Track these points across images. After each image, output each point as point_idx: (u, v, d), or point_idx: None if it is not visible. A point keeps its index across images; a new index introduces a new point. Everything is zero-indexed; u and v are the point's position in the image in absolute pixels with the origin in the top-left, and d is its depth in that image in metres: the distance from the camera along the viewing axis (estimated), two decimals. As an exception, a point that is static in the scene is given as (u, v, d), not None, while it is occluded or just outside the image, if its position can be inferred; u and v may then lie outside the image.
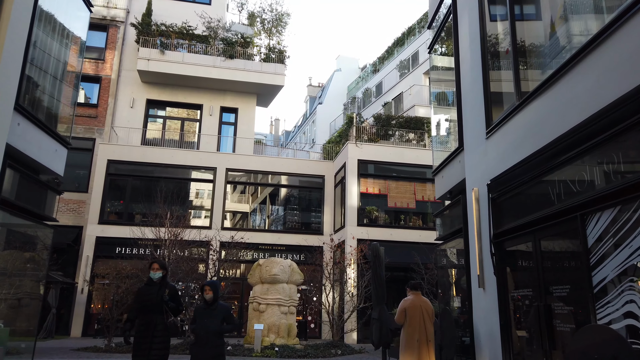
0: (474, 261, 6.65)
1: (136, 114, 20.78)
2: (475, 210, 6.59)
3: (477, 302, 6.64)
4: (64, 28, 8.31)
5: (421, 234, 17.64)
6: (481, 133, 6.64)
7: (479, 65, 6.77)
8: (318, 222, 20.02)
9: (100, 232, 17.96)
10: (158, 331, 5.26)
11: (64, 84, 8.46)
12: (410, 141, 19.48)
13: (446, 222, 8.48)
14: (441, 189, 8.48)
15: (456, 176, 7.65)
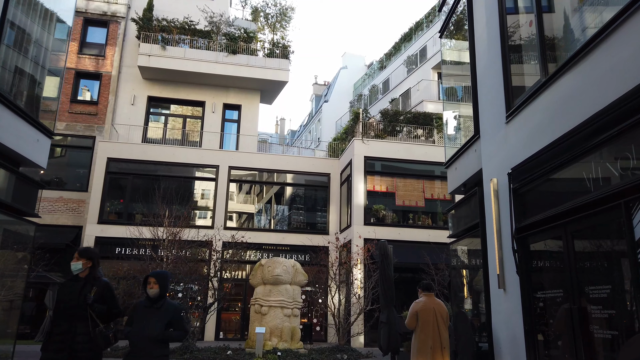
0: (492, 259, 6.01)
1: (137, 112, 20.30)
2: (494, 203, 5.95)
3: (496, 304, 6.00)
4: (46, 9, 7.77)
5: (430, 233, 16.97)
6: (500, 118, 6.01)
7: (497, 44, 6.14)
8: (323, 222, 19.41)
9: (100, 232, 17.46)
10: (77, 343, 3.99)
11: (46, 70, 7.91)
12: (418, 137, 18.83)
13: (460, 217, 7.84)
14: (454, 181, 7.84)
15: (471, 167, 7.02)
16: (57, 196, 18.85)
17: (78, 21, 20.68)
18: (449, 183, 8.19)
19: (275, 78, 20.50)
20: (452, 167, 7.98)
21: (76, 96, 20.16)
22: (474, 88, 7.05)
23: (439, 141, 18.77)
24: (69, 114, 19.71)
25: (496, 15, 6.24)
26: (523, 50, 5.91)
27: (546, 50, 5.10)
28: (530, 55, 5.59)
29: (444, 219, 17.74)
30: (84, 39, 20.78)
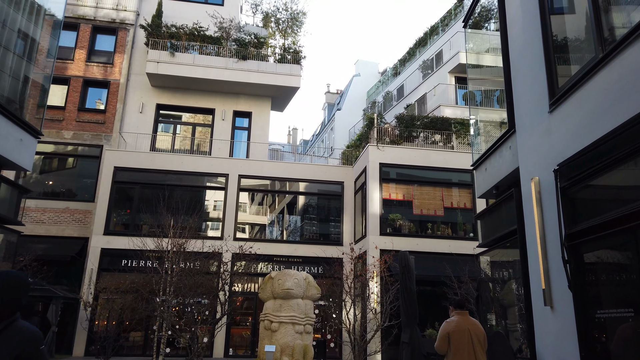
0: (535, 272, 5.15)
1: (145, 120, 19.81)
2: (536, 206, 5.11)
3: (541, 324, 5.12)
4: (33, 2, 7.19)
5: (451, 244, 16.04)
6: (541, 107, 5.19)
7: (535, 22, 5.34)
8: (337, 232, 18.57)
9: (106, 244, 16.86)
10: None
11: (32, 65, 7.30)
12: (436, 143, 17.97)
13: (491, 224, 6.98)
14: (484, 184, 6.99)
15: (505, 166, 6.18)
16: (64, 207, 18.34)
17: (86, 29, 20.38)
18: (477, 186, 7.34)
19: (286, 84, 19.88)
20: (481, 168, 7.14)
21: (84, 104, 19.75)
22: (506, 76, 6.25)
23: (458, 147, 17.90)
24: (76, 123, 19.28)
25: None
26: (567, 25, 5.10)
27: (602, 20, 4.29)
28: (579, 31, 4.78)
29: (464, 228, 16.80)
30: (92, 47, 20.44)
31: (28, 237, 17.93)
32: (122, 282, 12.49)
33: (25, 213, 18.11)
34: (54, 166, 19.26)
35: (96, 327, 16.05)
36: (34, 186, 18.85)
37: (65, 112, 19.29)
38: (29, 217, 18.10)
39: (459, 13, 23.28)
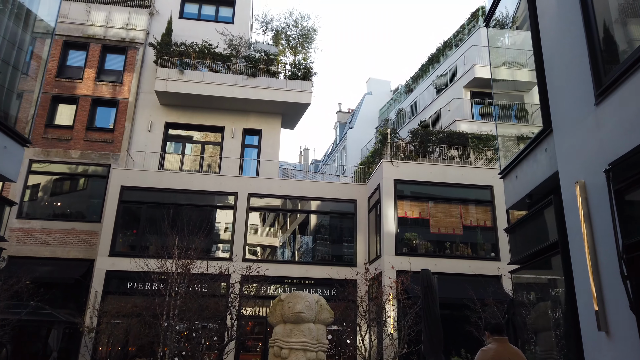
0: (584, 291, 4.40)
1: (154, 138, 19.45)
2: (582, 213, 4.39)
3: (594, 353, 4.34)
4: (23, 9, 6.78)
5: (471, 264, 15.18)
6: (585, 100, 4.53)
7: (574, 5, 4.72)
8: (350, 253, 17.79)
9: (111, 266, 16.28)
10: None
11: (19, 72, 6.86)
12: (452, 159, 17.27)
13: (524, 238, 6.24)
14: (515, 193, 6.28)
15: (540, 171, 5.49)
16: (70, 228, 17.89)
17: (96, 48, 20.28)
18: (506, 196, 6.63)
19: (296, 100, 19.45)
20: (510, 176, 6.44)
21: (92, 124, 19.49)
22: (538, 71, 5.61)
23: (476, 162, 17.18)
24: (84, 142, 18.99)
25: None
26: (611, 2, 4.47)
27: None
28: (628, 6, 4.15)
29: (485, 248, 15.94)
30: (102, 66, 20.30)
31: (32, 259, 17.51)
32: (123, 306, 11.82)
33: (31, 234, 17.73)
34: (60, 186, 18.90)
35: (99, 353, 15.36)
36: (40, 207, 18.50)
37: (73, 132, 19.03)
38: (34, 239, 17.68)
39: (472, 28, 22.85)
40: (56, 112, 19.58)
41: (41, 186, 18.68)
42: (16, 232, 17.65)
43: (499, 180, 16.21)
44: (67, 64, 20.21)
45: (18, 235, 17.64)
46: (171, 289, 11.53)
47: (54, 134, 18.92)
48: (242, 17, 21.89)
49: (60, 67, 19.85)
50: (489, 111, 20.37)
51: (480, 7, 22.64)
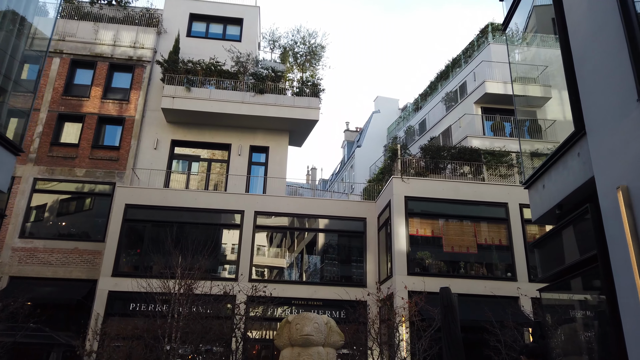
0: (632, 310, 3.88)
1: (160, 156, 19.18)
2: (626, 221, 3.90)
3: (646, 382, 3.79)
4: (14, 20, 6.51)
5: (487, 284, 14.55)
6: (624, 97, 4.09)
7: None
8: (360, 273, 17.19)
9: (114, 286, 15.80)
10: None
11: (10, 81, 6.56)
12: (465, 175, 16.77)
13: (555, 253, 5.71)
14: (542, 205, 5.78)
15: (572, 179, 5.01)
16: (72, 247, 17.51)
17: (103, 67, 20.22)
18: (532, 208, 6.13)
19: (304, 117, 19.15)
20: (536, 186, 5.95)
21: (98, 142, 19.27)
22: (568, 70, 5.18)
23: (490, 179, 16.67)
24: (89, 160, 18.74)
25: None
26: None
27: None
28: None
29: (501, 267, 15.30)
30: (109, 84, 20.20)
31: (34, 280, 17.09)
32: (124, 328, 11.31)
33: (33, 254, 17.35)
34: (65, 205, 18.58)
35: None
36: (44, 226, 18.15)
37: (78, 150, 18.82)
38: (36, 259, 17.30)
39: (482, 44, 22.61)
40: (62, 130, 19.41)
41: (45, 205, 18.38)
42: (18, 252, 17.29)
43: (514, 197, 15.83)
44: (75, 83, 20.15)
45: (20, 255, 17.28)
46: (173, 310, 11.02)
47: (59, 152, 18.71)
48: (249, 35, 21.84)
49: (67, 86, 19.78)
50: (501, 127, 19.95)
51: (489, 23, 22.45)
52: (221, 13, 22.14)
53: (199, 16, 22.03)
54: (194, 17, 21.97)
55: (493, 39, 21.94)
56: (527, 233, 15.45)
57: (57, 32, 20.24)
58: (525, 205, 15.80)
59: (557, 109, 10.68)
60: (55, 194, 18.49)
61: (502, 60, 20.63)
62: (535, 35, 10.30)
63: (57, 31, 20.26)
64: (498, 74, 20.42)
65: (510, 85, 19.53)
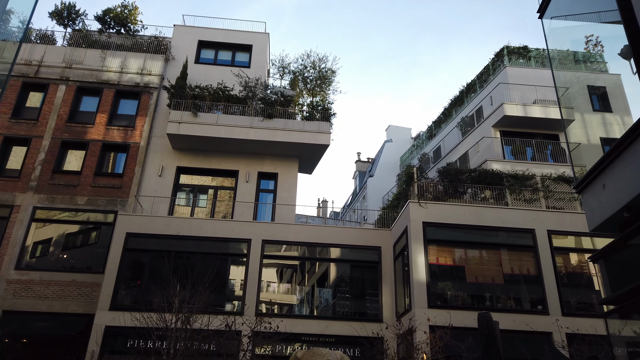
0: None
1: (164, 183, 18.41)
2: None
3: None
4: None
5: (516, 318, 13.22)
6: None
7: None
8: (375, 307, 15.91)
9: (111, 321, 14.70)
10: None
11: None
12: (486, 200, 15.68)
13: (623, 267, 4.62)
14: (602, 209, 4.74)
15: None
16: (70, 279, 16.57)
17: (109, 93, 19.83)
18: (589, 215, 5.08)
19: (314, 141, 18.36)
20: (593, 187, 4.93)
21: (101, 169, 18.62)
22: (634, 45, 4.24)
23: (513, 203, 15.56)
24: (91, 188, 18.03)
25: None
26: None
27: None
28: None
29: (531, 299, 13.97)
30: (115, 111, 19.74)
31: (28, 314, 16.05)
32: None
33: (29, 287, 16.42)
34: (64, 234, 17.73)
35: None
36: (41, 257, 17.28)
37: (81, 177, 18.15)
38: (32, 292, 16.35)
39: (497, 67, 21.94)
40: (65, 158, 18.82)
41: (44, 234, 17.57)
42: (13, 285, 16.37)
43: (541, 223, 14.63)
44: (80, 110, 19.72)
45: (15, 287, 16.35)
46: (169, 346, 9.91)
47: (60, 179, 18.05)
48: (258, 62, 21.43)
49: (72, 113, 19.34)
50: (522, 151, 18.96)
51: (504, 47, 21.85)
52: (230, 40, 21.86)
53: (207, 43, 21.77)
54: (202, 44, 21.70)
55: (509, 62, 21.27)
56: (558, 260, 14.21)
57: (64, 59, 20.04)
58: (554, 231, 14.62)
59: (580, 132, 9.65)
60: (54, 223, 17.70)
61: (520, 82, 19.89)
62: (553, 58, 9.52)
63: (64, 59, 20.06)
64: (516, 96, 19.62)
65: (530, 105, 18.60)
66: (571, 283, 14.33)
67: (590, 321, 12.79)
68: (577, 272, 14.78)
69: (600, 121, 7.49)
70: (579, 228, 14.58)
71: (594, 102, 7.98)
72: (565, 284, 14.13)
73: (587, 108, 8.05)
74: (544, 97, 19.78)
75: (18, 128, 18.80)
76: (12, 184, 17.79)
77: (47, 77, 19.77)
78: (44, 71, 19.86)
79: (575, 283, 14.46)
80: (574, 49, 8.75)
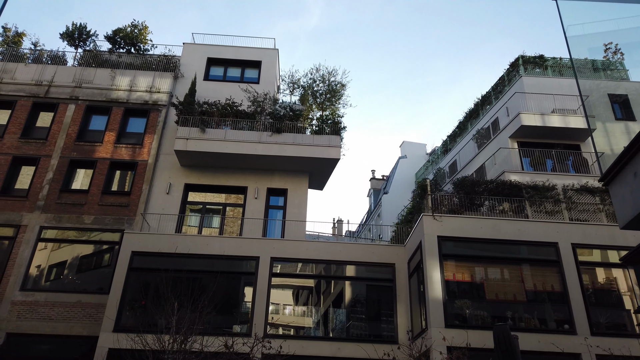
0: None
1: (172, 201, 18.04)
2: None
3: None
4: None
5: (540, 338, 12.27)
6: None
7: None
8: (390, 327, 15.08)
9: (115, 343, 14.11)
10: None
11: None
12: (505, 212, 14.88)
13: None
14: (636, 199, 4.07)
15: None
16: (75, 300, 16.16)
17: (118, 112, 19.74)
18: (619, 209, 4.42)
19: (324, 155, 17.86)
20: (622, 177, 4.27)
21: (109, 187, 18.37)
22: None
23: (534, 215, 14.72)
24: (98, 207, 17.76)
25: None
26: None
27: None
28: None
29: (557, 318, 13.02)
30: (123, 129, 19.60)
31: (32, 337, 15.61)
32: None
33: (33, 308, 16.04)
34: (70, 254, 17.40)
35: None
36: (46, 277, 16.95)
37: (88, 196, 17.91)
38: (37, 313, 15.96)
39: (513, 78, 21.30)
40: (73, 177, 18.66)
41: (50, 254, 17.27)
42: (18, 306, 16.02)
43: (564, 235, 13.71)
44: (89, 128, 19.64)
45: (20, 309, 15.98)
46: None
47: (68, 198, 17.83)
48: (268, 77, 21.20)
49: (80, 131, 19.26)
50: (542, 162, 18.15)
51: (519, 56, 21.25)
52: (239, 56, 21.73)
53: (217, 60, 21.67)
54: (212, 61, 21.61)
55: (525, 72, 20.63)
56: (584, 275, 13.28)
57: (74, 79, 20.10)
58: (579, 244, 13.72)
59: (602, 141, 9.00)
60: (61, 243, 17.41)
61: (536, 91, 19.20)
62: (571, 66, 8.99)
63: (74, 78, 20.12)
64: (534, 106, 18.90)
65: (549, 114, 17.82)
66: (599, 300, 13.37)
67: (623, 341, 11.82)
68: (605, 288, 13.81)
69: (623, 130, 7.07)
70: (605, 241, 13.70)
71: (616, 111, 7.62)
72: (593, 302, 13.17)
73: (608, 117, 7.63)
74: (563, 106, 19.03)
75: (27, 148, 18.75)
76: (20, 203, 17.63)
77: (57, 96, 19.81)
78: (54, 91, 19.91)
79: (604, 300, 13.48)
80: (592, 57, 8.38)
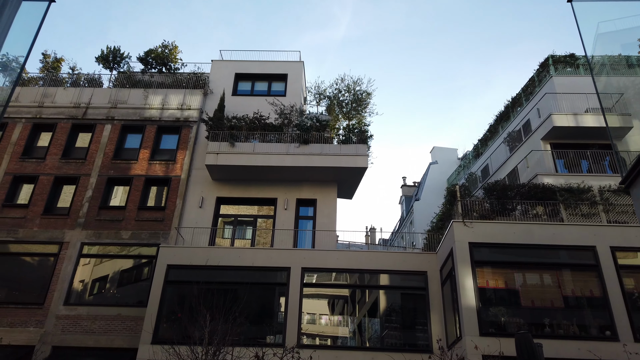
0: None
1: (205, 214, 18.48)
2: None
3: None
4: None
5: (580, 346, 11.85)
6: None
7: None
8: (425, 337, 14.88)
9: (152, 355, 14.53)
10: None
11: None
12: (539, 216, 14.52)
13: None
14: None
15: None
16: (115, 314, 16.69)
17: (151, 130, 20.42)
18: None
19: (352, 165, 17.93)
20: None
21: (144, 203, 19.00)
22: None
23: (569, 219, 14.31)
24: (135, 222, 18.37)
25: None
26: None
27: None
28: None
29: (596, 324, 12.57)
30: (157, 146, 20.27)
31: (76, 350, 16.24)
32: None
33: (77, 322, 16.67)
34: (110, 269, 18.06)
35: None
36: (88, 292, 17.62)
37: (125, 212, 18.56)
38: (80, 327, 16.57)
39: (543, 79, 20.83)
40: (111, 194, 19.40)
41: (90, 269, 17.96)
42: (62, 320, 16.69)
43: (602, 239, 13.25)
44: (124, 147, 20.41)
45: (64, 323, 16.64)
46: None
47: (106, 215, 18.53)
48: (294, 90, 21.51)
49: (117, 150, 20.03)
50: (577, 163, 17.62)
51: (549, 56, 20.77)
52: (266, 71, 22.15)
53: (244, 75, 22.16)
54: (239, 76, 22.11)
55: (556, 72, 20.14)
56: (626, 280, 12.77)
57: (110, 100, 20.97)
58: (618, 248, 13.23)
59: None
60: (100, 258, 18.10)
61: (568, 91, 18.70)
62: (603, 64, 8.94)
63: (110, 99, 20.99)
64: (566, 106, 18.41)
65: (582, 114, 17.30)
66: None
67: (670, 348, 11.27)
68: (649, 292, 13.23)
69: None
70: (647, 243, 13.16)
71: (654, 107, 7.36)
72: (637, 307, 12.64)
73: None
74: (597, 105, 18.44)
75: (67, 168, 19.63)
76: (62, 221, 18.44)
77: (94, 117, 20.70)
78: (92, 112, 20.82)
79: (648, 305, 12.91)
80: (625, 54, 8.20)
